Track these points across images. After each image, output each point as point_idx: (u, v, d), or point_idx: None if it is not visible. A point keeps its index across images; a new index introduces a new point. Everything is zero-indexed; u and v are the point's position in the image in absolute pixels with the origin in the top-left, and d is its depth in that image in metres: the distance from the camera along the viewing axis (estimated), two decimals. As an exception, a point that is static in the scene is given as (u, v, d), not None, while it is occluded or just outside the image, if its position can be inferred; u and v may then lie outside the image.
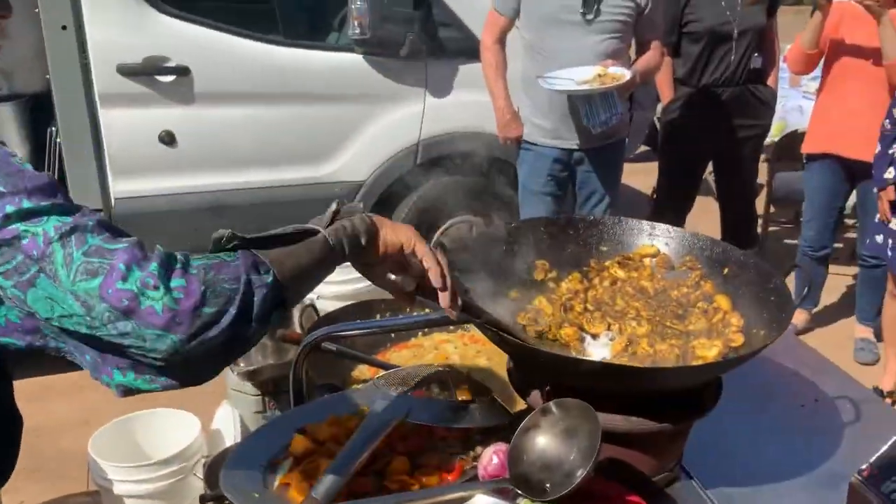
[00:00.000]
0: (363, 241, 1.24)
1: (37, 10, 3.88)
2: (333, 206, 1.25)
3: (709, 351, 1.49)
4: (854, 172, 4.20)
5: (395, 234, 1.28)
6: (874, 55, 3.92)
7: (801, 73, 4.91)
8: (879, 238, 3.87)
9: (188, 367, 1.06)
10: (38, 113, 4.62)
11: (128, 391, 1.07)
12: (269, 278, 1.09)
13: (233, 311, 1.04)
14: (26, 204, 1.00)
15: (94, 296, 0.98)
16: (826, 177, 4.30)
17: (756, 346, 1.44)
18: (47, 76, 4.08)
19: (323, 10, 4.63)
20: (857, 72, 4.04)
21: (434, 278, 1.28)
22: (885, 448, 1.19)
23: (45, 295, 0.99)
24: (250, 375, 2.51)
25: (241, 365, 2.55)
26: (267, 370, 2.51)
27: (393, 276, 1.31)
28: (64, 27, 3.85)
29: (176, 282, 1.02)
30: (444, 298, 1.30)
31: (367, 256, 1.27)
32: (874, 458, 1.16)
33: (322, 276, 1.22)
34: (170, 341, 1.00)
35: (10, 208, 0.99)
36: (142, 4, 3.90)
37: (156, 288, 1.00)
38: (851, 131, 4.06)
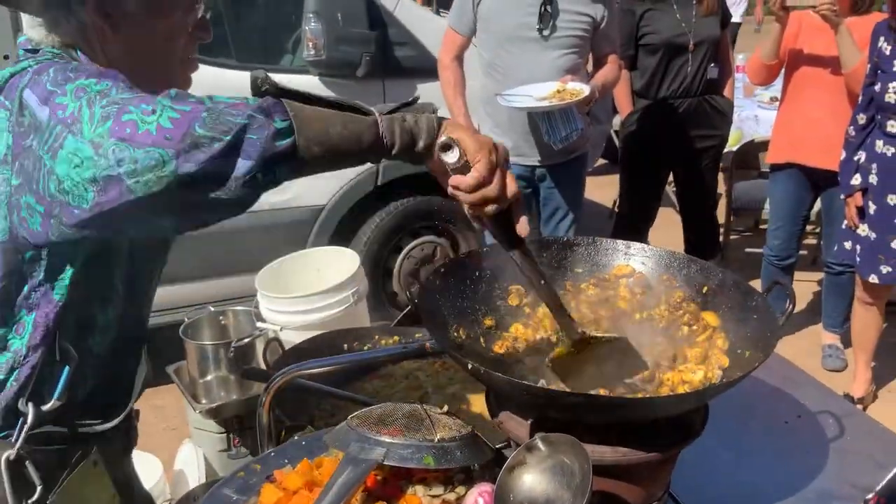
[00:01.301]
0: (420, 143, 1.14)
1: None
2: (410, 99, 1.17)
3: (694, 375, 1.44)
4: (817, 181, 4.22)
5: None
6: (833, 64, 3.94)
7: (761, 85, 4.93)
8: (848, 244, 3.87)
9: (182, 198, 1.07)
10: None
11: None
12: (280, 125, 1.06)
13: (228, 138, 1.04)
14: (81, 82, 1.12)
15: (105, 135, 1.05)
16: (790, 186, 4.31)
17: (745, 367, 1.39)
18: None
19: (276, 32, 4.55)
20: (818, 81, 4.05)
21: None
22: (890, 476, 1.14)
23: (69, 151, 1.07)
24: (213, 412, 2.43)
25: (204, 402, 2.46)
26: (230, 406, 2.43)
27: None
28: (6, 57, 3.73)
29: (181, 106, 1.07)
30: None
31: (419, 160, 1.18)
32: (880, 486, 1.11)
33: (350, 161, 1.13)
34: (157, 154, 1.02)
35: (69, 86, 1.12)
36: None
37: (153, 112, 1.05)
38: (813, 140, 4.07)
